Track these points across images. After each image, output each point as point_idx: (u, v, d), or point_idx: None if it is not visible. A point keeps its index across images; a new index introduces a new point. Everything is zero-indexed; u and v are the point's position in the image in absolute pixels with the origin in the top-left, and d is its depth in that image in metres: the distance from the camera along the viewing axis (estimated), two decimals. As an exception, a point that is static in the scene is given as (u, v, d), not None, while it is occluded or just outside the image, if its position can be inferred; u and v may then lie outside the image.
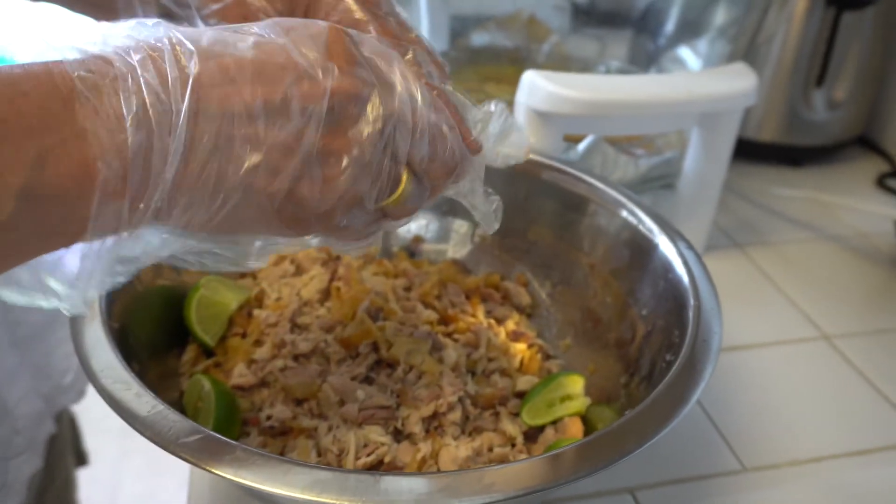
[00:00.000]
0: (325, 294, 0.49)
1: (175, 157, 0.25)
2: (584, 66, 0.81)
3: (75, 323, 0.37)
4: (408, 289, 0.50)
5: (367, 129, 0.28)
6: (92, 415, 0.75)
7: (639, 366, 0.43)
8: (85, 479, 0.71)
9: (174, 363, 0.45)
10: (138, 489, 1.40)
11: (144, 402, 0.33)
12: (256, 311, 0.48)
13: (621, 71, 0.80)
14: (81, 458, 0.70)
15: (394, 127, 0.29)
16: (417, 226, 0.56)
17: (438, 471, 0.40)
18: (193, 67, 0.25)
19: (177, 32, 0.26)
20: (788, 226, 0.72)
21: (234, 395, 0.43)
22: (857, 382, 0.54)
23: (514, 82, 0.57)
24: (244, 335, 0.47)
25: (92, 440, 0.74)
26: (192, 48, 0.25)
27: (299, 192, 0.27)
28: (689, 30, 0.78)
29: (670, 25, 0.80)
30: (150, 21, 0.27)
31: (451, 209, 0.55)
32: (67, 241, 0.25)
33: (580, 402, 0.44)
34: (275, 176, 0.26)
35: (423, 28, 0.80)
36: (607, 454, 0.32)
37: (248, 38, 0.27)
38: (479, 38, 0.83)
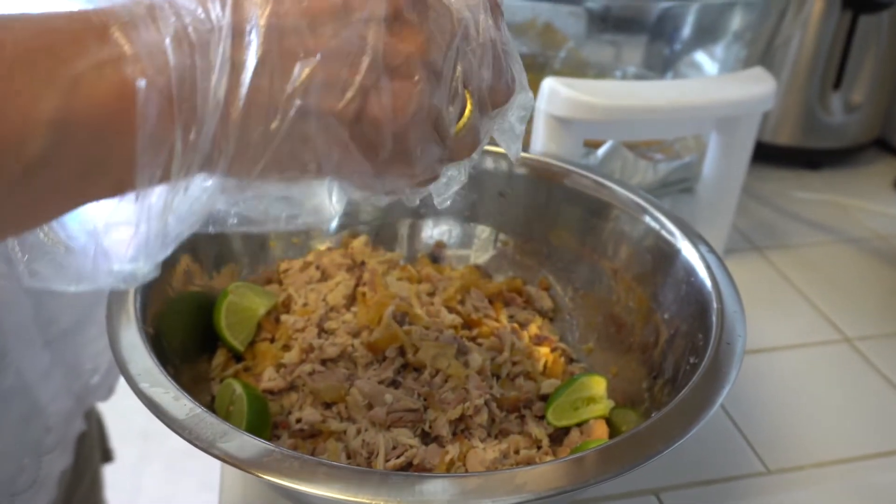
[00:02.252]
0: (351, 299, 0.50)
1: (221, 75, 0.23)
2: (601, 72, 0.81)
3: (112, 327, 0.38)
4: (431, 294, 0.51)
5: (436, 34, 0.26)
6: (112, 418, 0.76)
7: (662, 369, 0.44)
8: (107, 482, 0.72)
9: (205, 368, 0.46)
10: (159, 492, 1.41)
11: (182, 405, 0.33)
12: (284, 317, 0.49)
13: (638, 76, 0.80)
14: (107, 455, 0.71)
15: (461, 39, 0.26)
16: (440, 231, 0.56)
17: (467, 472, 0.40)
18: None
19: None
20: (807, 229, 0.72)
21: (264, 399, 0.44)
22: (880, 384, 0.54)
23: (531, 88, 0.58)
24: (272, 340, 0.48)
25: (113, 444, 0.75)
26: None
27: (370, 109, 0.25)
28: (706, 35, 0.78)
29: (686, 31, 0.80)
30: None
31: (472, 215, 0.56)
32: (113, 183, 0.23)
33: (604, 405, 0.45)
34: (340, 92, 0.24)
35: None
36: (634, 456, 0.32)
37: None
38: (495, 45, 0.83)
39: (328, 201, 0.28)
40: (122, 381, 0.39)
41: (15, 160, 0.21)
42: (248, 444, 0.31)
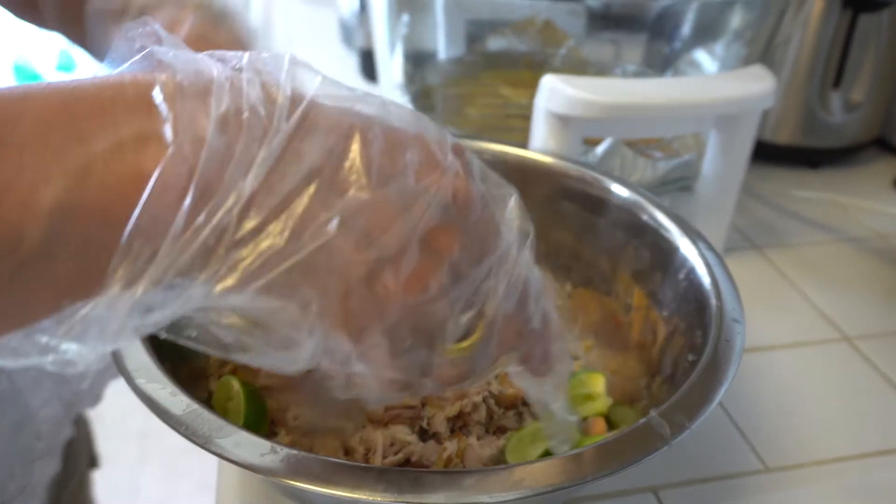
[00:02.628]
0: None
1: (260, 170, 0.20)
2: (600, 70, 0.81)
3: None
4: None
5: (477, 240, 0.24)
6: (109, 419, 0.76)
7: (661, 367, 0.44)
8: (103, 483, 0.72)
9: (203, 364, 0.46)
10: (156, 493, 1.41)
11: (179, 400, 0.33)
12: (282, 313, 0.49)
13: (638, 74, 0.80)
14: (93, 461, 0.71)
15: (497, 259, 0.25)
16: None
17: (465, 469, 0.40)
18: (309, 92, 0.22)
19: (301, 68, 0.22)
20: (807, 227, 0.72)
21: (262, 395, 0.44)
22: (879, 383, 0.54)
23: (530, 86, 0.58)
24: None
25: (110, 444, 0.75)
26: (318, 77, 0.22)
27: (383, 278, 0.22)
28: (705, 33, 0.78)
29: (686, 29, 0.80)
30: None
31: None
32: (95, 281, 0.20)
33: (602, 402, 0.45)
34: (367, 244, 0.22)
35: (440, 33, 0.81)
36: (632, 453, 0.32)
37: (376, 98, 0.23)
38: (495, 43, 0.83)
39: (306, 352, 0.24)
40: (118, 382, 0.39)
41: (9, 254, 0.19)
42: (244, 440, 0.31)
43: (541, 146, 0.56)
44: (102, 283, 0.20)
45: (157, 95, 0.20)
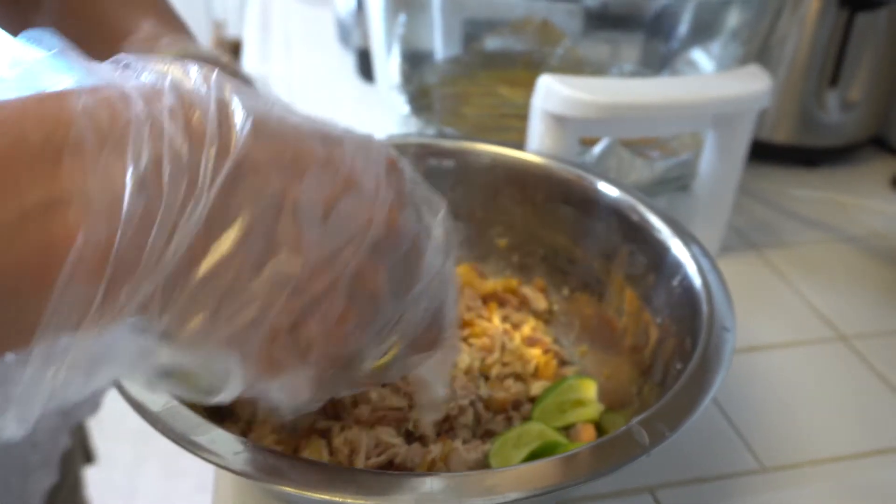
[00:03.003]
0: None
1: (187, 237, 0.19)
2: (597, 70, 0.81)
3: None
4: (427, 291, 0.51)
5: (404, 276, 0.24)
6: (108, 421, 0.76)
7: (652, 372, 0.44)
8: (101, 484, 0.72)
9: None
10: (154, 493, 1.41)
11: (158, 397, 0.33)
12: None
13: (635, 74, 0.80)
14: (89, 457, 0.71)
15: (421, 288, 0.25)
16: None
17: (444, 472, 0.40)
18: (243, 136, 0.19)
19: (231, 86, 0.20)
20: (804, 227, 0.72)
21: None
22: (875, 382, 0.54)
23: (527, 85, 0.57)
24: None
25: (108, 445, 0.74)
26: (246, 112, 0.20)
27: (307, 327, 0.22)
28: (702, 32, 0.78)
29: (683, 28, 0.80)
30: (198, 66, 0.21)
31: (468, 214, 0.56)
32: (13, 343, 0.19)
33: (593, 409, 0.44)
34: (294, 294, 0.21)
35: (437, 32, 0.81)
36: (609, 461, 0.32)
37: (313, 124, 0.22)
38: (492, 43, 0.83)
39: (226, 392, 0.25)
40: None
41: None
42: (220, 438, 0.31)
43: (537, 146, 0.56)
44: (16, 348, 0.19)
45: (66, 143, 0.18)
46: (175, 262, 0.19)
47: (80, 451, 0.68)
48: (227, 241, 0.19)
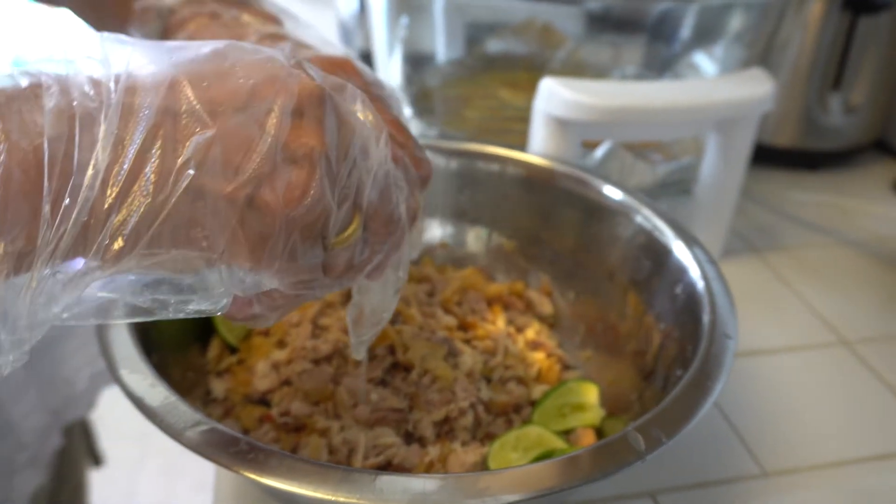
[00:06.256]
0: (347, 296, 0.50)
1: (105, 146, 0.22)
2: (599, 73, 0.81)
3: None
4: (430, 294, 0.51)
5: (336, 137, 0.26)
6: (109, 420, 0.76)
7: (653, 378, 0.43)
8: (101, 484, 0.72)
9: (196, 357, 0.46)
10: (155, 493, 1.41)
11: (157, 392, 0.34)
12: (279, 313, 0.49)
13: (637, 77, 0.80)
14: (96, 460, 0.71)
15: (359, 150, 0.27)
16: (443, 232, 0.56)
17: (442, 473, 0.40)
18: (128, 65, 0.23)
19: (117, 41, 0.24)
20: (805, 230, 0.72)
21: None
22: (877, 387, 0.54)
23: (529, 88, 0.57)
24: (267, 334, 0.48)
25: (109, 445, 0.74)
26: (129, 47, 0.23)
27: (263, 195, 0.24)
28: (705, 36, 0.78)
29: (685, 31, 0.80)
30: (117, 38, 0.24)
31: (475, 217, 0.56)
32: None
33: (594, 414, 0.44)
34: (233, 174, 0.23)
35: (439, 35, 0.81)
36: (604, 466, 0.31)
37: (209, 44, 0.25)
38: (494, 45, 0.83)
39: (219, 285, 0.26)
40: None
41: None
42: (216, 434, 0.31)
43: (539, 149, 0.56)
44: None
45: None
46: (103, 168, 0.22)
47: (84, 454, 0.67)
48: (139, 140, 0.22)
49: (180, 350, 0.44)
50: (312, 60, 0.34)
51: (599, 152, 0.60)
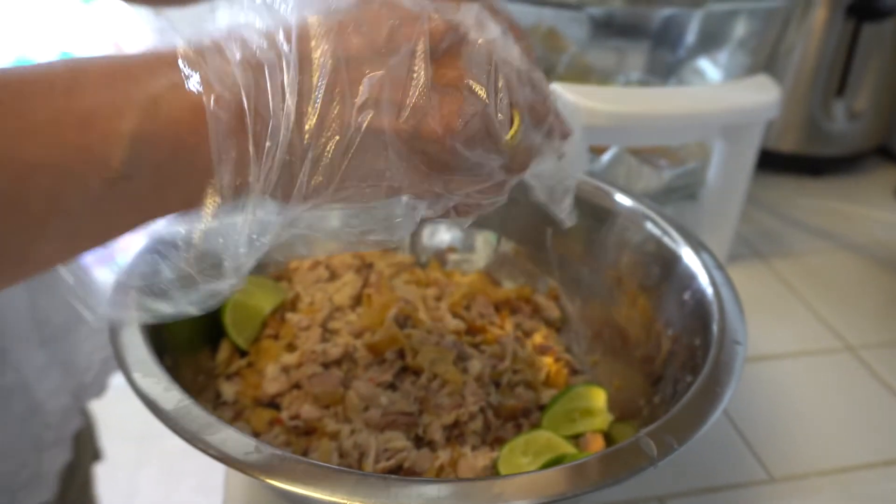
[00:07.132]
0: (357, 300, 0.50)
1: (291, 96, 0.25)
2: (604, 78, 0.81)
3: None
4: (438, 298, 0.51)
5: (475, 58, 0.28)
6: (109, 420, 0.76)
7: (663, 384, 0.44)
8: (102, 483, 0.72)
9: (206, 360, 0.46)
10: (155, 494, 1.41)
11: (171, 395, 0.34)
12: (289, 315, 0.49)
13: (641, 82, 0.80)
14: (96, 454, 0.71)
15: (496, 64, 0.29)
16: (451, 236, 0.56)
17: (456, 478, 0.40)
18: (294, 21, 0.26)
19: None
20: (810, 236, 0.72)
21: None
22: (883, 392, 0.54)
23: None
24: (277, 337, 0.48)
25: (110, 446, 0.74)
26: (292, 3, 0.26)
27: (426, 125, 0.27)
28: (709, 42, 0.78)
29: (690, 37, 0.80)
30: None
31: (483, 222, 0.55)
32: (186, 197, 0.25)
33: (603, 419, 0.44)
34: (398, 111, 0.26)
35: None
36: (615, 472, 0.31)
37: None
38: (499, 50, 0.83)
39: (400, 217, 0.30)
40: (119, 384, 0.39)
41: (99, 173, 0.23)
42: (231, 437, 0.31)
43: (546, 154, 0.56)
44: (181, 206, 0.25)
45: (179, 58, 0.24)
46: (293, 116, 0.24)
47: (90, 446, 0.68)
48: (316, 93, 0.25)
49: (191, 353, 0.45)
50: None
51: (606, 157, 0.60)
